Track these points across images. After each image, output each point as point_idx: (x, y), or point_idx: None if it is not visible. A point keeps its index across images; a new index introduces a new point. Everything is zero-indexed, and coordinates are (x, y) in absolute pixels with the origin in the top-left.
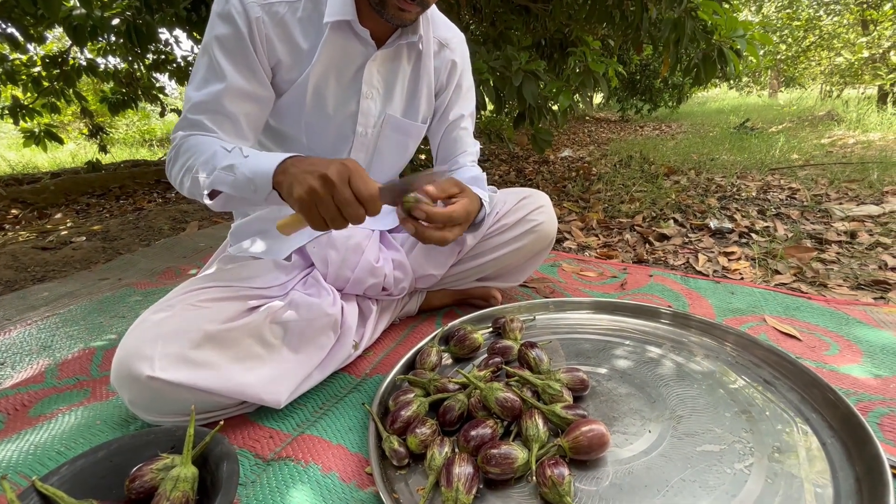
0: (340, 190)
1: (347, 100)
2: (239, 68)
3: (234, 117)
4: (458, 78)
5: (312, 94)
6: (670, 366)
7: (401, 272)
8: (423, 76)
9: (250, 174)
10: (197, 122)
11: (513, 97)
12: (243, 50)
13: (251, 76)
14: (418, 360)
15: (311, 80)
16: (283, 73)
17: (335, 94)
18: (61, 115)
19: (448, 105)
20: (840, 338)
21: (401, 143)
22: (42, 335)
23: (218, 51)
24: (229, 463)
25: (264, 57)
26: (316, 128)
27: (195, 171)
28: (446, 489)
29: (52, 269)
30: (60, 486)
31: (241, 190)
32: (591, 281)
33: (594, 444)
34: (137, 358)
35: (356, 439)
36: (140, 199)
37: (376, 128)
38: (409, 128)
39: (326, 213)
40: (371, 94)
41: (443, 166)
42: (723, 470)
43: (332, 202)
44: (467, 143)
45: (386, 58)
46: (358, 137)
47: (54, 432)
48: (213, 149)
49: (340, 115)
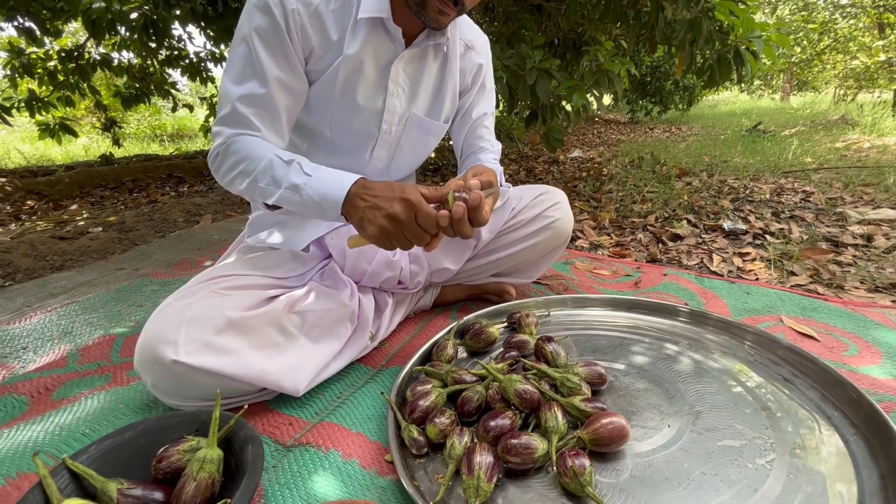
0: (410, 228)
1: (374, 97)
2: (278, 61)
3: (276, 112)
4: (482, 79)
5: (342, 88)
6: (688, 362)
7: (417, 266)
8: (449, 77)
9: (318, 198)
10: (242, 117)
11: (526, 95)
12: (281, 42)
13: (289, 69)
14: (434, 353)
15: (342, 73)
16: (313, 63)
17: (363, 90)
18: (75, 110)
19: (471, 104)
20: (858, 339)
21: (422, 141)
22: (62, 321)
23: (258, 43)
24: (254, 446)
25: (300, 48)
26: (341, 124)
27: (254, 179)
28: (467, 477)
29: (70, 258)
30: (89, 464)
31: (306, 210)
32: (605, 279)
33: (614, 436)
34: (162, 342)
35: (375, 428)
36: (153, 192)
37: (400, 125)
38: (431, 127)
39: (398, 244)
40: (397, 93)
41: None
42: (744, 465)
43: (403, 236)
44: (489, 140)
45: (413, 57)
46: (382, 135)
47: (78, 415)
48: (269, 157)
49: (366, 112)
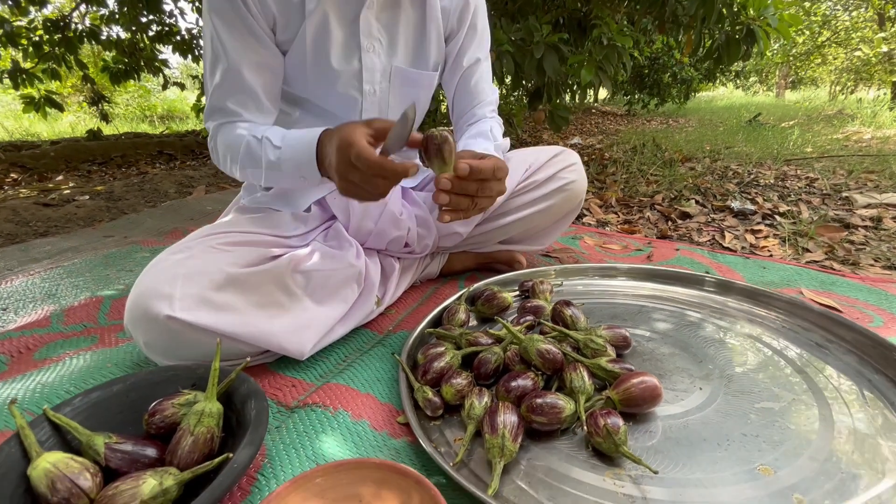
0: (370, 183)
1: (348, 57)
2: (244, 39)
3: (252, 92)
4: (471, 17)
5: (313, 53)
6: (713, 329)
7: (424, 229)
8: (430, 20)
9: (296, 169)
10: (221, 107)
11: (533, 70)
12: (241, 17)
13: (257, 44)
14: (445, 317)
15: (309, 36)
16: (280, 33)
17: (336, 51)
18: (61, 87)
19: (461, 50)
20: (882, 311)
21: (414, 95)
22: (46, 284)
23: (219, 24)
24: (257, 400)
25: (262, 20)
26: (323, 91)
27: (242, 167)
28: (491, 436)
29: (55, 224)
30: (73, 417)
31: (296, 183)
32: (616, 253)
33: (647, 395)
34: (155, 296)
35: (385, 390)
36: (143, 167)
37: (384, 83)
38: (420, 78)
39: (371, 197)
40: (373, 47)
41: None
42: (786, 426)
43: (369, 190)
44: (485, 91)
45: (384, 5)
46: (367, 97)
47: (62, 373)
48: (244, 140)
49: (345, 75)
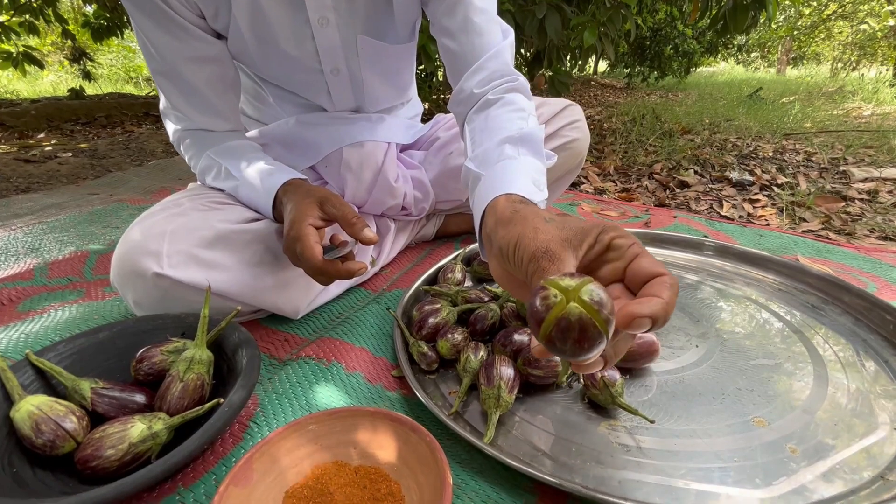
0: (299, 265)
1: (298, 37)
2: (171, 32)
3: (195, 91)
4: None
5: (254, 40)
6: (710, 290)
7: (421, 192)
8: None
9: (251, 205)
10: (170, 108)
11: (534, 32)
12: (162, 11)
13: (187, 36)
14: (441, 276)
15: (242, 21)
16: (212, 19)
17: (282, 32)
18: (41, 43)
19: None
20: (877, 278)
21: (391, 68)
22: (29, 239)
23: (142, 22)
24: (249, 348)
25: (183, 9)
26: (284, 74)
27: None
28: (486, 387)
29: (37, 181)
30: (58, 363)
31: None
32: (614, 220)
33: (643, 350)
34: (143, 253)
35: (379, 345)
36: (130, 127)
37: (352, 59)
38: (390, 51)
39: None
40: (325, 20)
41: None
42: (781, 380)
43: None
44: (490, 31)
45: None
46: (329, 77)
47: (47, 324)
48: (206, 161)
49: (301, 58)
